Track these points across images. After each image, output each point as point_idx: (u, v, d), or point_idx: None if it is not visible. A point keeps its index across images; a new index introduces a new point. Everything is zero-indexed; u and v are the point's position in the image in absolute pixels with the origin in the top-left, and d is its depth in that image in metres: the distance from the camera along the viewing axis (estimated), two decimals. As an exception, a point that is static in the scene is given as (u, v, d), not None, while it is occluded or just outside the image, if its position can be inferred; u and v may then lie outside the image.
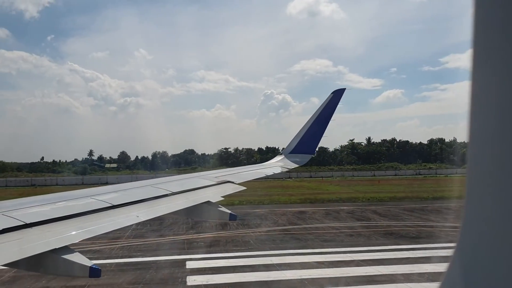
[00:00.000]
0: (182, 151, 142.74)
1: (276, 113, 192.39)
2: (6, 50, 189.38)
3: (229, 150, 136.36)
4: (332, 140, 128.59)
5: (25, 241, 3.40)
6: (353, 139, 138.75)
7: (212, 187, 6.70)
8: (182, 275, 17.10)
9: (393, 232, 26.29)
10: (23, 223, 3.63)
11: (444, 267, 1.24)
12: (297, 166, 11.13)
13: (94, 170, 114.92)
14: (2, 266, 3.23)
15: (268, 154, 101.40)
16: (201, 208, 5.55)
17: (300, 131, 11.44)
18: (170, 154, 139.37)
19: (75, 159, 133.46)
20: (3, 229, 3.45)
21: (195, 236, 25.52)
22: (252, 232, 26.39)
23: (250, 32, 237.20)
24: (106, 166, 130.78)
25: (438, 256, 18.56)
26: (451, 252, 1.22)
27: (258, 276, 16.76)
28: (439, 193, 46.75)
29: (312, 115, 11.36)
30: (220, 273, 17.25)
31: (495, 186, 1.08)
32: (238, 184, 7.31)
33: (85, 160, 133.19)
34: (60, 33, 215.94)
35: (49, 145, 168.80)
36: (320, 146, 12.71)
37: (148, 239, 24.67)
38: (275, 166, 10.55)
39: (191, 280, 16.41)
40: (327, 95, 11.41)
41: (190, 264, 18.59)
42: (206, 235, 25.69)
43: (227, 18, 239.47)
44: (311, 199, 44.34)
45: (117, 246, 22.79)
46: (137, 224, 20.07)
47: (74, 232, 3.81)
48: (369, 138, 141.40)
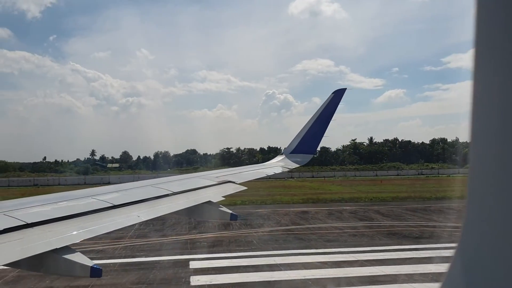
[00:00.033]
0: (184, 151, 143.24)
1: (277, 113, 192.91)
2: (8, 50, 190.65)
3: (231, 150, 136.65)
4: (334, 140, 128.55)
5: (26, 241, 3.40)
6: (355, 139, 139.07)
7: (213, 187, 6.70)
8: (186, 275, 17.11)
9: (396, 232, 26.24)
10: (24, 223, 3.64)
11: (447, 267, 1.23)
12: (298, 166, 11.12)
13: (96, 170, 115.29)
14: (4, 266, 3.24)
15: (270, 154, 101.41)
16: (202, 208, 5.55)
17: (301, 131, 11.44)
18: (172, 154, 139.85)
19: (77, 159, 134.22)
20: (5, 229, 3.45)
21: (198, 236, 25.54)
22: (255, 232, 26.39)
23: (251, 32, 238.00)
24: (108, 166, 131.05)
25: (441, 256, 18.50)
26: (452, 252, 1.21)
27: (261, 276, 16.76)
28: (442, 193, 46.66)
29: (312, 115, 11.36)
30: (223, 273, 17.25)
31: (497, 186, 1.08)
32: (239, 184, 7.31)
33: (87, 160, 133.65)
34: (62, 33, 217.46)
35: (51, 145, 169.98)
36: (322, 146, 12.76)
37: (151, 239, 24.71)
38: (276, 166, 10.54)
39: (195, 280, 16.42)
40: (328, 95, 11.42)
41: (193, 264, 18.61)
42: (209, 235, 25.70)
43: (228, 18, 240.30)
44: (313, 199, 44.30)
45: (120, 246, 22.84)
46: (140, 224, 20.11)
47: (75, 232, 3.82)
48: (371, 138, 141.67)
